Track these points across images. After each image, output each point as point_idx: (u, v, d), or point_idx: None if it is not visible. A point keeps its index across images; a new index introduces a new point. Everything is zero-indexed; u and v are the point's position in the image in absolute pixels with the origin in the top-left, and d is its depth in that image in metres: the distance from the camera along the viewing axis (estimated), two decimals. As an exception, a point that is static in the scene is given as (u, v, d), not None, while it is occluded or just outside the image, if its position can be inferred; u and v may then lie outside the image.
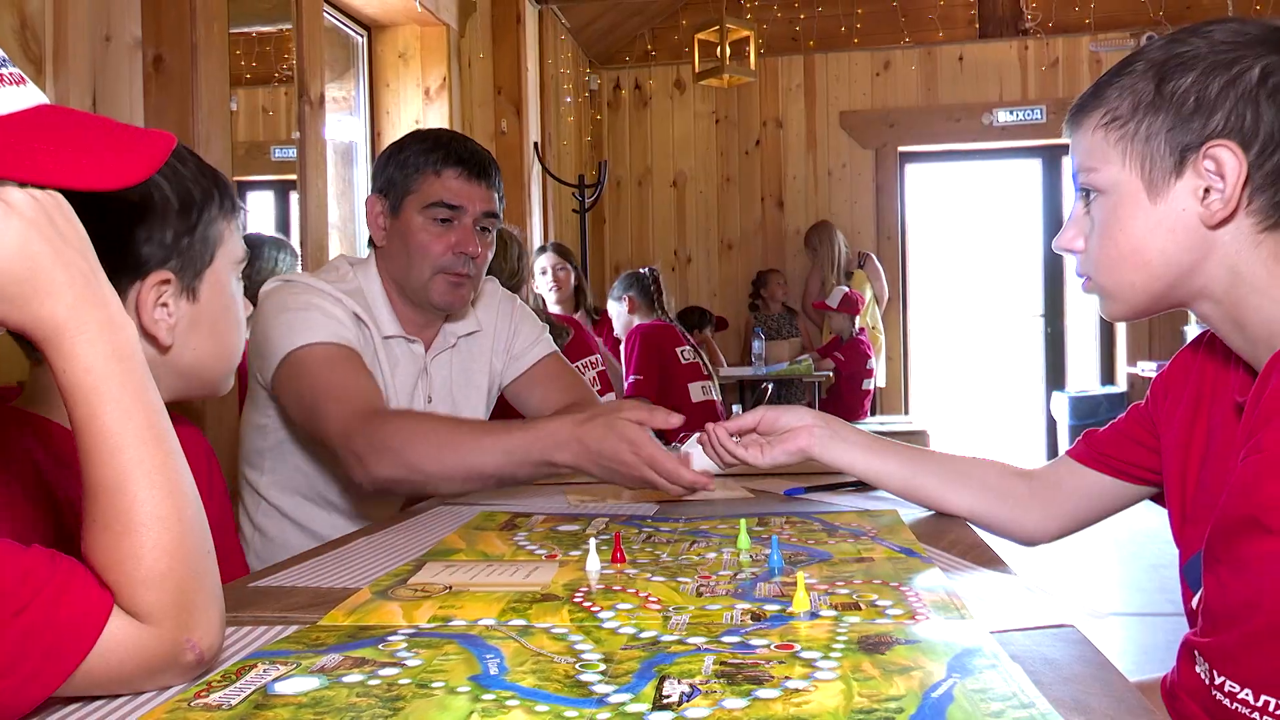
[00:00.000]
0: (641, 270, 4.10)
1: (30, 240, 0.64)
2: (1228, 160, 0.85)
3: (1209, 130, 0.86)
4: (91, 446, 0.66)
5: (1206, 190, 0.87)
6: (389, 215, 1.65)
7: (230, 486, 1.37)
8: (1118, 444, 1.15)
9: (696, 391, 3.86)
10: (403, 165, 1.63)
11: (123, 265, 0.91)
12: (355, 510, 1.63)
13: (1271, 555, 0.72)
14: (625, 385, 3.79)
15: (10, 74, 0.66)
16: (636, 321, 3.99)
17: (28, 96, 0.67)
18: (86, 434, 0.66)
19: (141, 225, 0.94)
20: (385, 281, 1.66)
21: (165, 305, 0.95)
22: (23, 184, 0.68)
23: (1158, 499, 1.14)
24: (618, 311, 4.03)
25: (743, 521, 1.08)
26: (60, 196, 0.67)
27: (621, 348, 3.99)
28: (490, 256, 1.69)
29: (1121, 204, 0.91)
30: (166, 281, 0.94)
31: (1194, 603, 0.91)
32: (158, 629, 0.65)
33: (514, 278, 2.94)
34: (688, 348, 3.97)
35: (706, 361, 4.04)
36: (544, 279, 3.96)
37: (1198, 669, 0.77)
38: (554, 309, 3.85)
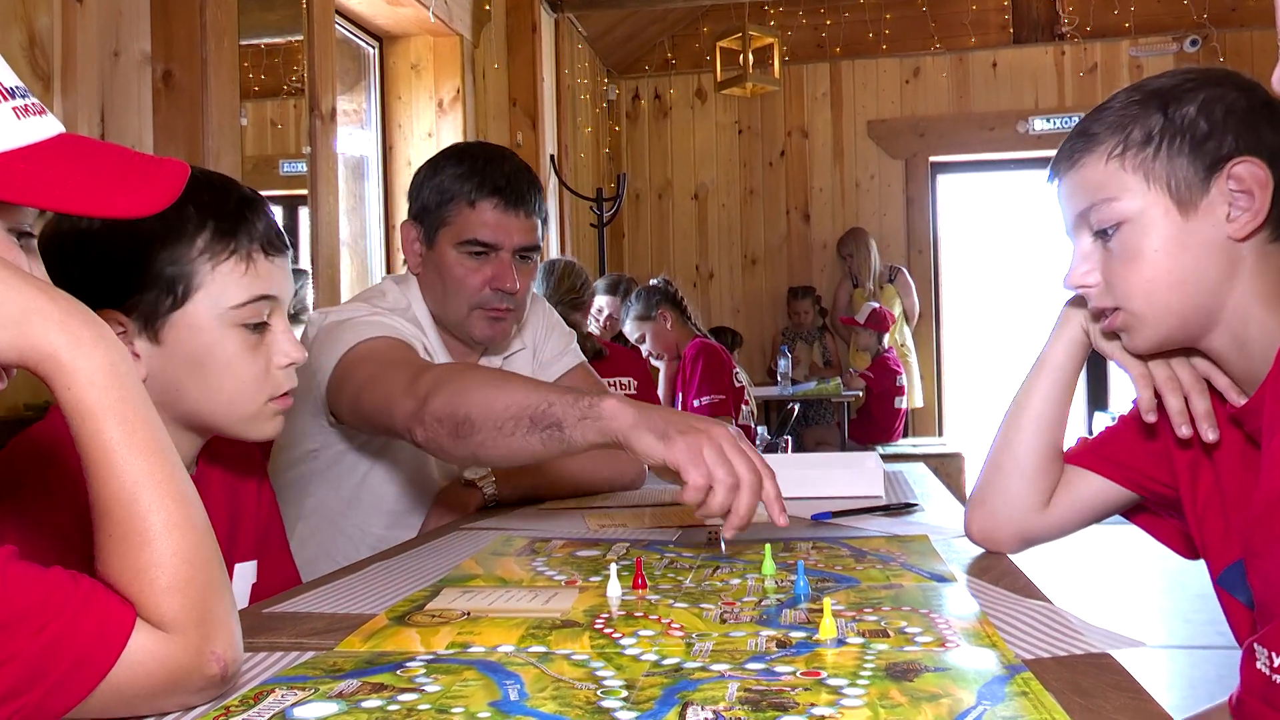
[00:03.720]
0: (656, 282, 4.02)
1: None
2: (1255, 174, 0.93)
3: (1226, 149, 0.95)
4: (100, 462, 0.69)
5: (1229, 206, 0.95)
6: (424, 244, 1.65)
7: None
8: (1122, 448, 1.16)
9: (744, 416, 3.85)
10: (438, 191, 1.61)
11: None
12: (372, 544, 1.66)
13: None
14: (691, 406, 3.65)
15: (32, 104, 0.70)
16: (675, 338, 3.88)
17: (48, 126, 0.71)
18: (94, 450, 0.69)
19: (73, 264, 0.99)
20: (431, 306, 1.67)
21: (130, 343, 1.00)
22: (42, 211, 0.72)
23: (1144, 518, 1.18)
24: (654, 331, 3.89)
25: (767, 546, 1.10)
26: None
27: (662, 368, 3.89)
28: (532, 285, 1.67)
29: (1153, 226, 0.98)
30: (118, 322, 0.99)
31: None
32: (182, 637, 0.68)
33: (572, 305, 2.99)
34: (739, 369, 3.94)
35: (749, 384, 4.03)
36: (598, 316, 3.94)
37: (1259, 664, 0.78)
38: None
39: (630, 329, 3.90)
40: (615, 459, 1.77)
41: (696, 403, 3.68)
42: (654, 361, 3.96)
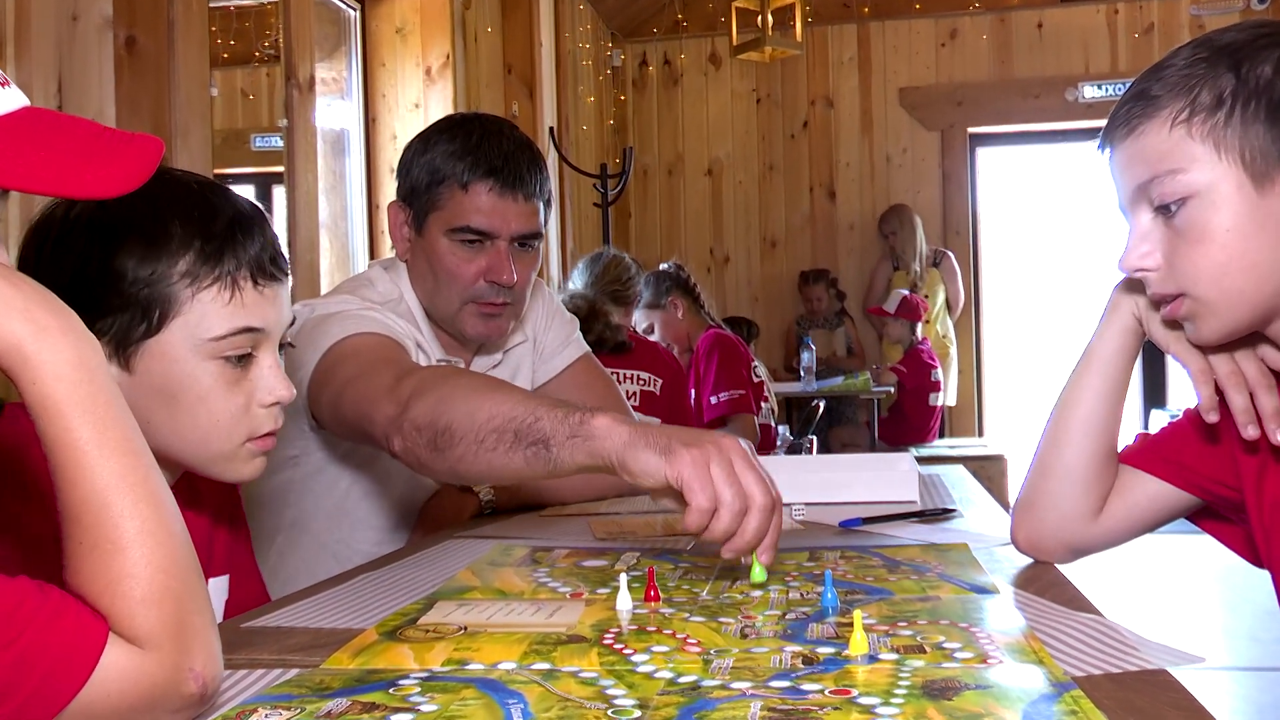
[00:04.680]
0: (666, 267, 4.02)
1: None
2: None
3: None
4: (68, 463, 0.70)
5: None
6: (413, 229, 1.65)
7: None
8: (1184, 447, 1.16)
9: (764, 414, 3.84)
10: (428, 170, 1.61)
11: None
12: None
13: None
14: (708, 404, 3.65)
15: None
16: (687, 328, 3.87)
17: (11, 99, 0.72)
18: (62, 450, 0.70)
19: (48, 272, 0.98)
20: (421, 297, 1.67)
21: None
22: (5, 191, 0.73)
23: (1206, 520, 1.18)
24: (663, 320, 3.86)
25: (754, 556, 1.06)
26: None
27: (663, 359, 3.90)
28: (533, 275, 1.67)
29: (1224, 202, 0.96)
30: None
31: None
32: (158, 653, 0.69)
33: (615, 299, 3.01)
34: (758, 363, 3.93)
35: (769, 379, 4.02)
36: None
37: None
38: None
39: (638, 318, 3.88)
40: None
41: (713, 399, 3.67)
42: None
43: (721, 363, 3.72)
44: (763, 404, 3.84)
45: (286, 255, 1.10)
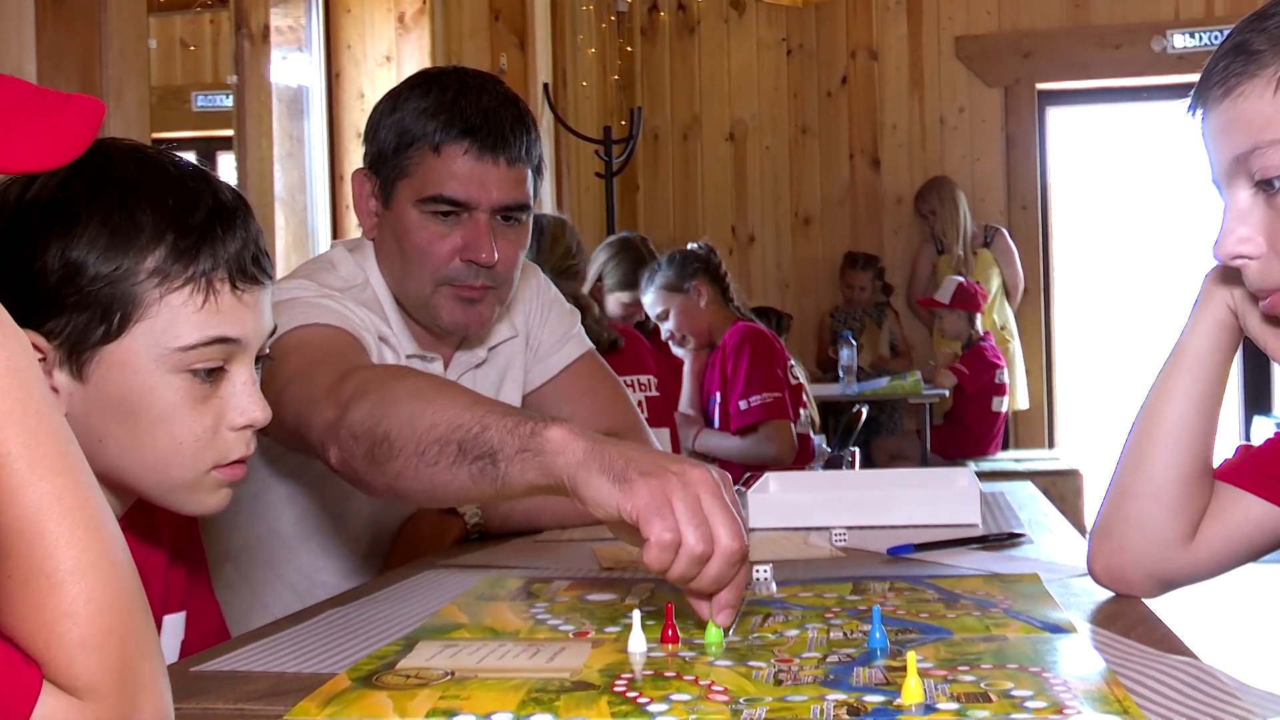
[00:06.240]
0: (695, 248, 3.93)
1: None
2: None
3: None
4: None
5: None
6: (379, 200, 1.66)
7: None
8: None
9: (802, 422, 3.81)
10: (396, 131, 1.61)
11: None
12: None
13: None
14: (737, 410, 3.63)
15: None
16: (709, 320, 3.80)
17: None
18: None
19: None
20: (389, 281, 1.68)
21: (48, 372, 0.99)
22: None
23: None
24: (682, 307, 3.79)
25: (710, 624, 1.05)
26: None
27: (688, 357, 3.84)
28: (521, 255, 1.67)
29: None
30: (37, 347, 0.97)
31: None
32: (100, 704, 0.70)
33: (565, 274, 3.00)
34: (794, 364, 3.89)
35: (807, 381, 3.99)
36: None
37: None
38: None
39: (652, 301, 3.79)
40: None
41: (743, 403, 3.61)
42: (675, 349, 3.90)
43: (753, 361, 3.64)
44: (801, 410, 3.79)
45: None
